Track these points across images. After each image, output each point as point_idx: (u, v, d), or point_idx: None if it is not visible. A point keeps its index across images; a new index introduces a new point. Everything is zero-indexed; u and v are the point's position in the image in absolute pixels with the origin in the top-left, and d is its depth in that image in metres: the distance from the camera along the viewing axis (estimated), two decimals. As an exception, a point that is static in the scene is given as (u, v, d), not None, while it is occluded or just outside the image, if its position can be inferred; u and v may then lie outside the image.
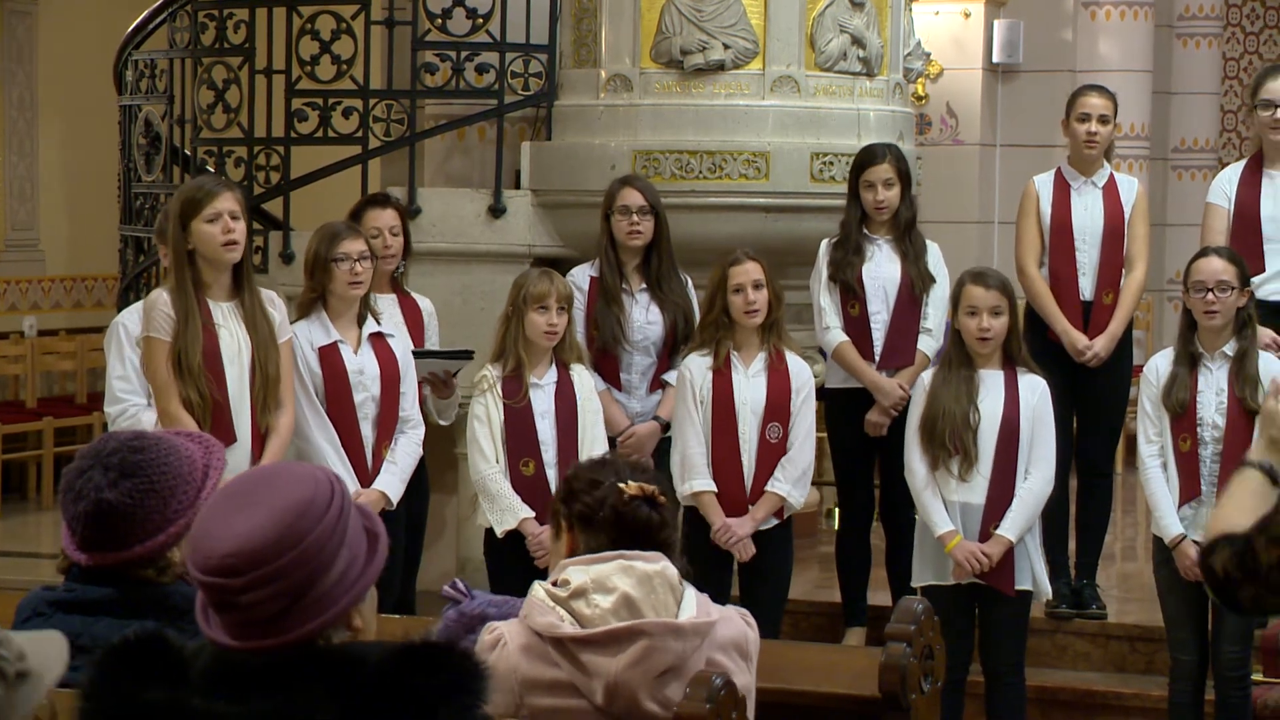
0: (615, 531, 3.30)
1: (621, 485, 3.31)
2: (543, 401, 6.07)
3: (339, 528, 2.33)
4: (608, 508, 3.31)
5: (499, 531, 6.01)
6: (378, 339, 6.08)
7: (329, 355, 5.99)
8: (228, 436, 5.47)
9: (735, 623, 3.38)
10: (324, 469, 2.43)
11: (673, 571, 3.30)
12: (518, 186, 7.51)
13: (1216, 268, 5.76)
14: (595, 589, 3.23)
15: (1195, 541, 5.71)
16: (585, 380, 6.18)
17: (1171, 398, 5.77)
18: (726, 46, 7.23)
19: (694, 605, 3.30)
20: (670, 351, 6.53)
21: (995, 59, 10.78)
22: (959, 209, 10.60)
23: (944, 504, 5.84)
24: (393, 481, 6.01)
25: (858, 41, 7.41)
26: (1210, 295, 5.72)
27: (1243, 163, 6.99)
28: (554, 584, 3.28)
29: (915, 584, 6.00)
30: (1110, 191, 6.94)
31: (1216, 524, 2.73)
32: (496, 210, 7.41)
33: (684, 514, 6.25)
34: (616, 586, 3.22)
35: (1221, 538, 2.69)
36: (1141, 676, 6.65)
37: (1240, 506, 2.73)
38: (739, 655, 3.34)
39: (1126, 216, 6.92)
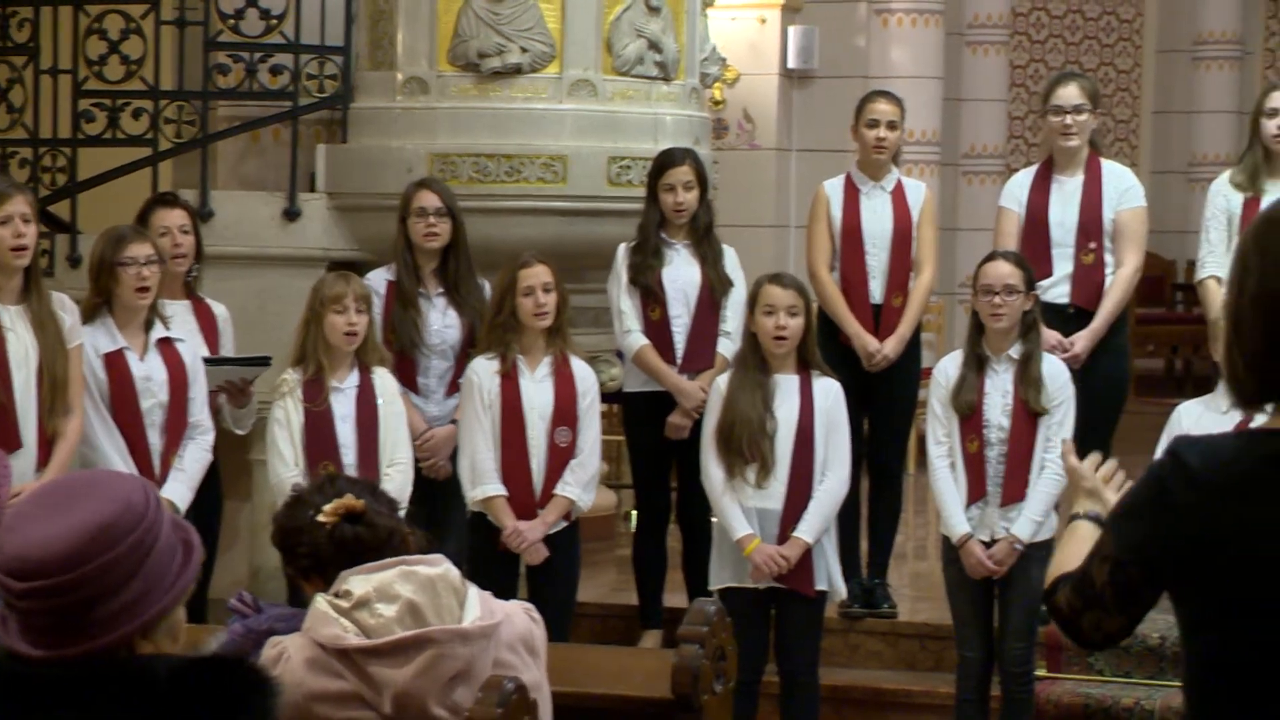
0: (344, 560, 3.30)
1: (319, 518, 3.32)
2: (344, 405, 6.03)
3: (141, 548, 2.32)
4: (324, 546, 3.31)
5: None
6: (165, 345, 5.99)
7: (115, 362, 5.89)
8: (12, 442, 5.37)
9: (520, 619, 3.38)
10: (144, 485, 2.40)
11: (455, 574, 3.30)
12: (313, 189, 7.44)
13: (1003, 271, 5.87)
14: (378, 598, 3.21)
15: (982, 540, 5.83)
16: (388, 383, 6.14)
17: (959, 399, 5.87)
18: (524, 50, 7.23)
19: (477, 606, 3.29)
20: (467, 355, 6.51)
21: (791, 64, 10.88)
22: (755, 213, 10.69)
23: (741, 508, 5.88)
24: (180, 489, 5.93)
25: (654, 46, 7.45)
26: (997, 299, 5.83)
27: (1034, 168, 7.11)
28: (336, 595, 3.25)
29: (713, 586, 6.04)
30: (899, 196, 7.04)
31: (1054, 570, 2.80)
32: (291, 213, 7.32)
33: (472, 519, 6.25)
34: (400, 594, 3.21)
35: (1061, 576, 2.75)
36: (931, 674, 6.74)
37: (1075, 552, 2.79)
38: (526, 652, 3.35)
39: (915, 220, 7.03)
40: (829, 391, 5.93)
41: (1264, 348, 2.48)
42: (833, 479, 5.92)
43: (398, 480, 5.94)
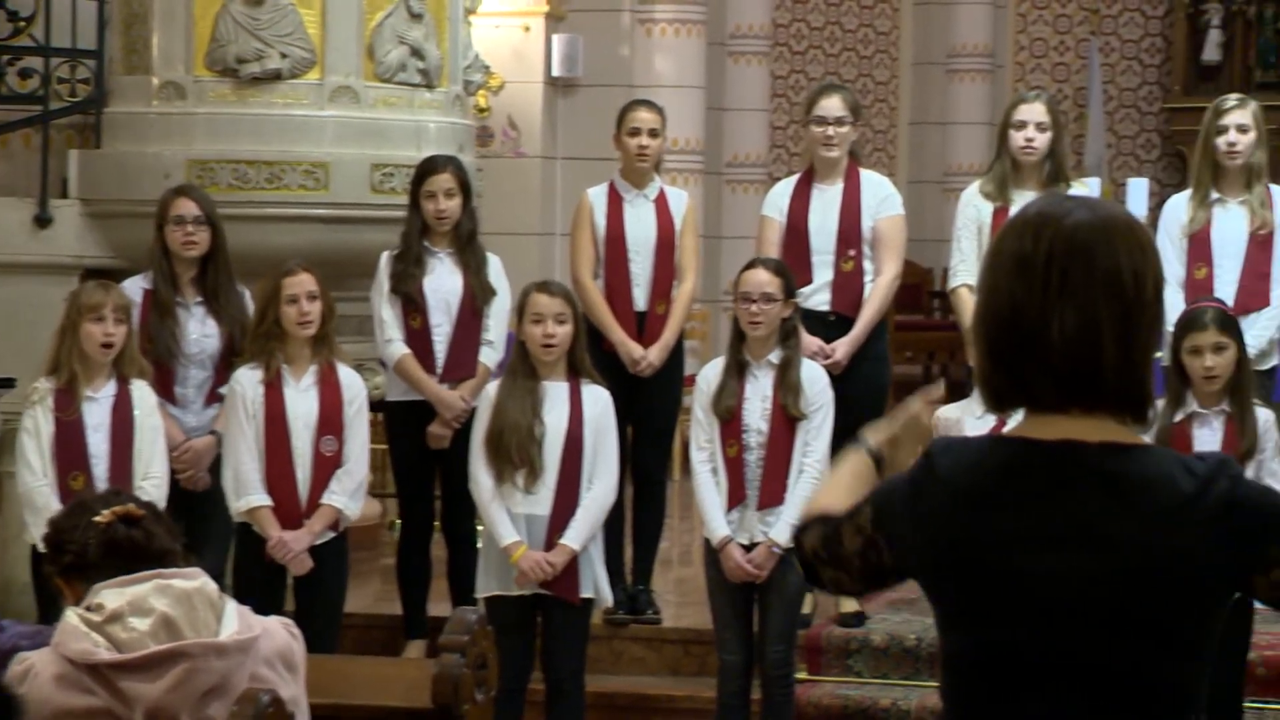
0: (112, 563, 3.24)
1: (96, 519, 3.27)
2: (96, 415, 5.90)
3: None
4: (93, 545, 3.25)
5: (44, 547, 5.80)
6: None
7: None
8: None
9: (278, 634, 3.34)
10: None
11: (212, 587, 3.25)
12: (66, 196, 7.27)
13: (761, 279, 5.94)
14: (132, 612, 3.15)
15: (741, 544, 5.89)
16: (146, 396, 6.03)
17: (719, 404, 5.93)
18: (284, 55, 7.15)
19: (235, 620, 3.25)
20: (227, 365, 6.41)
21: (555, 73, 10.90)
22: (521, 221, 10.69)
23: (509, 515, 5.87)
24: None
25: (417, 53, 7.41)
26: (754, 306, 5.89)
27: (795, 177, 7.21)
28: (88, 608, 3.18)
29: (479, 594, 6.03)
30: (661, 204, 7.09)
31: (816, 501, 2.79)
32: (42, 220, 7.16)
33: (239, 530, 6.17)
34: (154, 608, 3.15)
35: (816, 518, 2.73)
36: (694, 678, 6.78)
37: (840, 485, 2.78)
38: (284, 666, 3.31)
39: (677, 229, 7.09)
40: (598, 399, 5.96)
41: (987, 363, 2.53)
42: (600, 486, 5.94)
43: (152, 494, 5.82)
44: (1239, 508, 2.46)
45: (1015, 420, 2.59)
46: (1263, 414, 5.61)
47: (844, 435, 6.25)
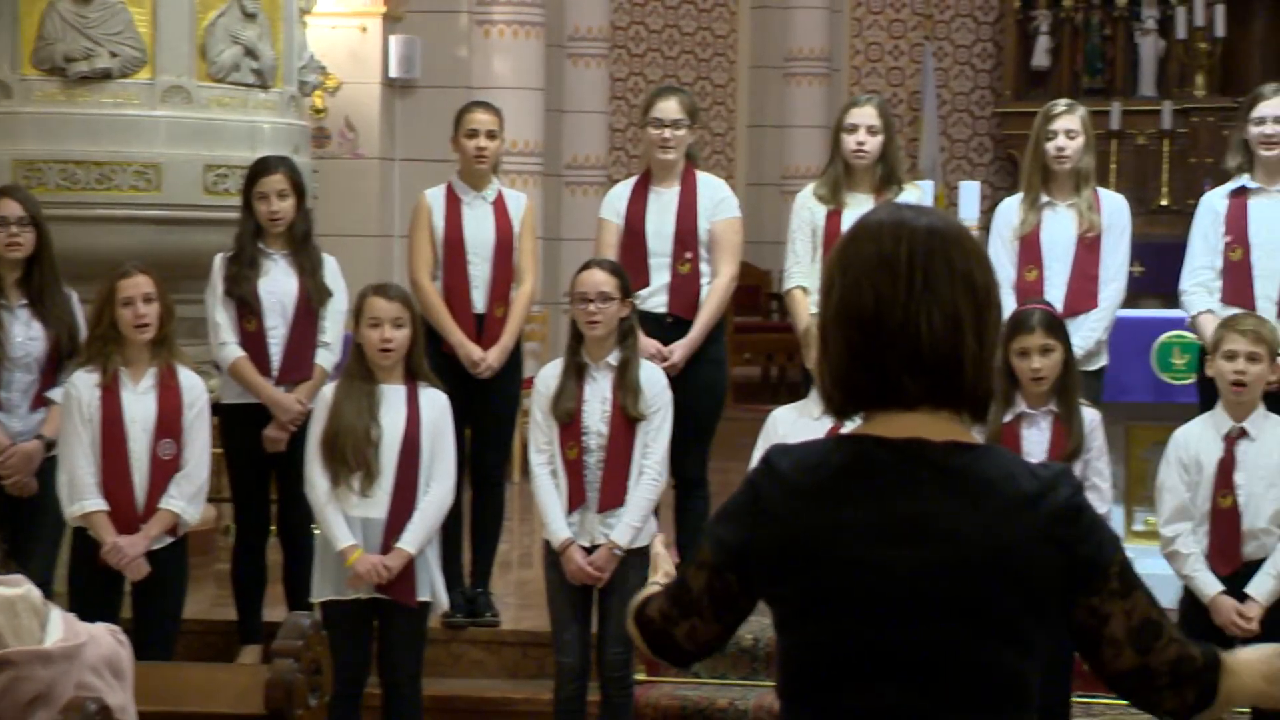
0: None
1: None
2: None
3: None
4: None
5: None
6: None
7: None
8: None
9: (105, 641, 3.29)
10: None
11: (36, 594, 3.20)
12: (-115, 196, 7.10)
13: (598, 279, 5.95)
14: (-48, 620, 3.09)
15: (582, 546, 5.89)
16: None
17: (559, 407, 5.93)
18: (114, 55, 7.05)
19: (60, 627, 3.20)
20: (54, 368, 6.31)
21: (393, 74, 10.84)
22: (358, 222, 10.62)
23: (345, 519, 5.83)
24: None
25: (251, 53, 7.34)
26: (591, 306, 5.90)
27: (632, 180, 7.23)
28: (-95, 617, 3.12)
29: (315, 599, 5.98)
30: (500, 206, 7.08)
31: (642, 595, 2.82)
32: None
33: (75, 535, 6.07)
34: (-25, 616, 3.10)
35: (652, 594, 2.77)
36: (532, 681, 6.77)
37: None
38: (111, 674, 3.26)
39: (516, 231, 7.08)
40: (435, 402, 5.93)
41: (846, 362, 2.57)
42: (438, 489, 5.92)
43: None
44: (1080, 518, 2.54)
45: (851, 423, 2.63)
46: (1089, 415, 5.71)
47: (682, 437, 6.33)
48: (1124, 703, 6.46)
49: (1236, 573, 5.47)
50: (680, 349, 6.85)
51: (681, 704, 6.58)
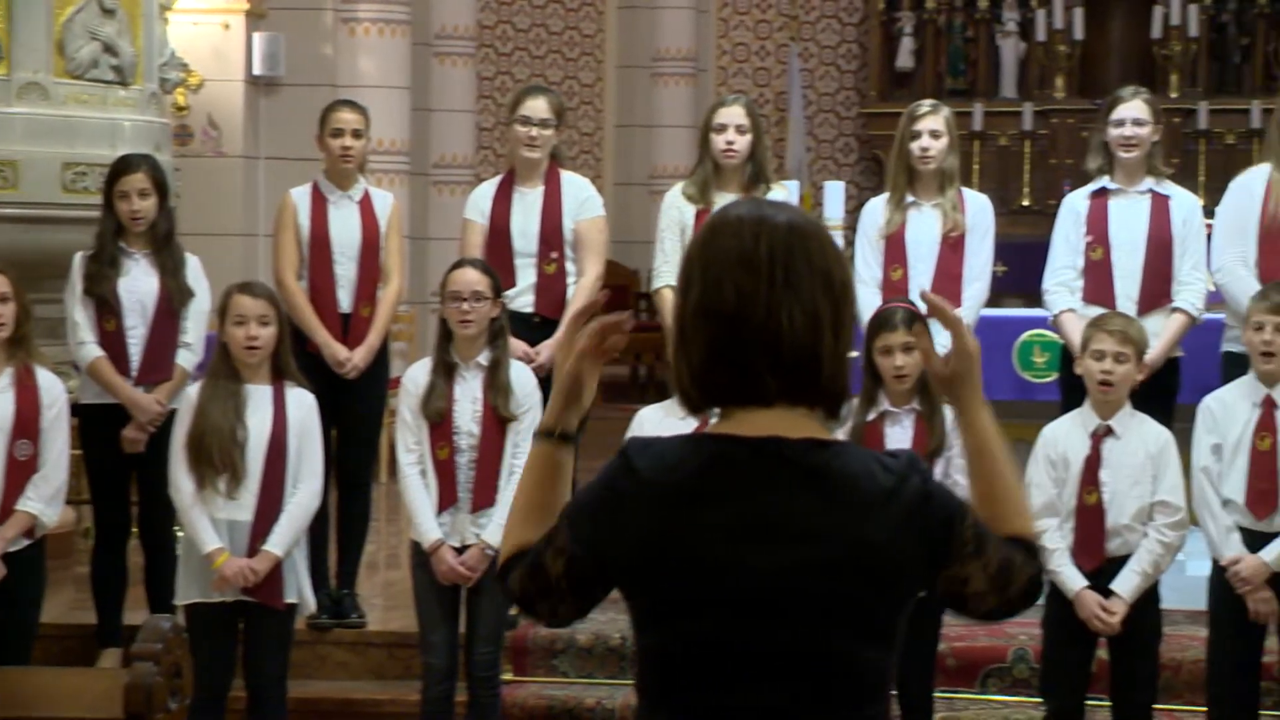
0: None
1: None
2: None
3: None
4: None
5: None
6: None
7: None
8: None
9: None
10: None
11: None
12: None
13: (471, 278, 5.93)
14: None
15: (453, 546, 5.87)
16: None
17: (429, 407, 5.90)
18: (-32, 51, 6.93)
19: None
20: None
21: (256, 71, 10.74)
22: (222, 221, 10.51)
23: (211, 521, 5.77)
24: None
25: (110, 49, 7.25)
26: (465, 305, 5.88)
27: (497, 179, 7.22)
28: None
29: (179, 602, 5.90)
30: (366, 205, 7.05)
31: (510, 520, 2.77)
32: None
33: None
34: None
35: (514, 554, 2.73)
36: (398, 682, 6.74)
37: (525, 490, 2.76)
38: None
39: (382, 230, 7.05)
40: (302, 402, 5.89)
41: (706, 358, 2.57)
42: (305, 490, 5.87)
43: None
44: (931, 500, 2.57)
45: (713, 420, 2.63)
46: (951, 412, 5.77)
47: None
48: (986, 696, 6.55)
49: (1100, 569, 5.54)
50: (547, 349, 6.85)
51: (549, 703, 6.57)
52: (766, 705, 2.52)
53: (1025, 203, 13.97)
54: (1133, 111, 6.68)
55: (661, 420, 5.76)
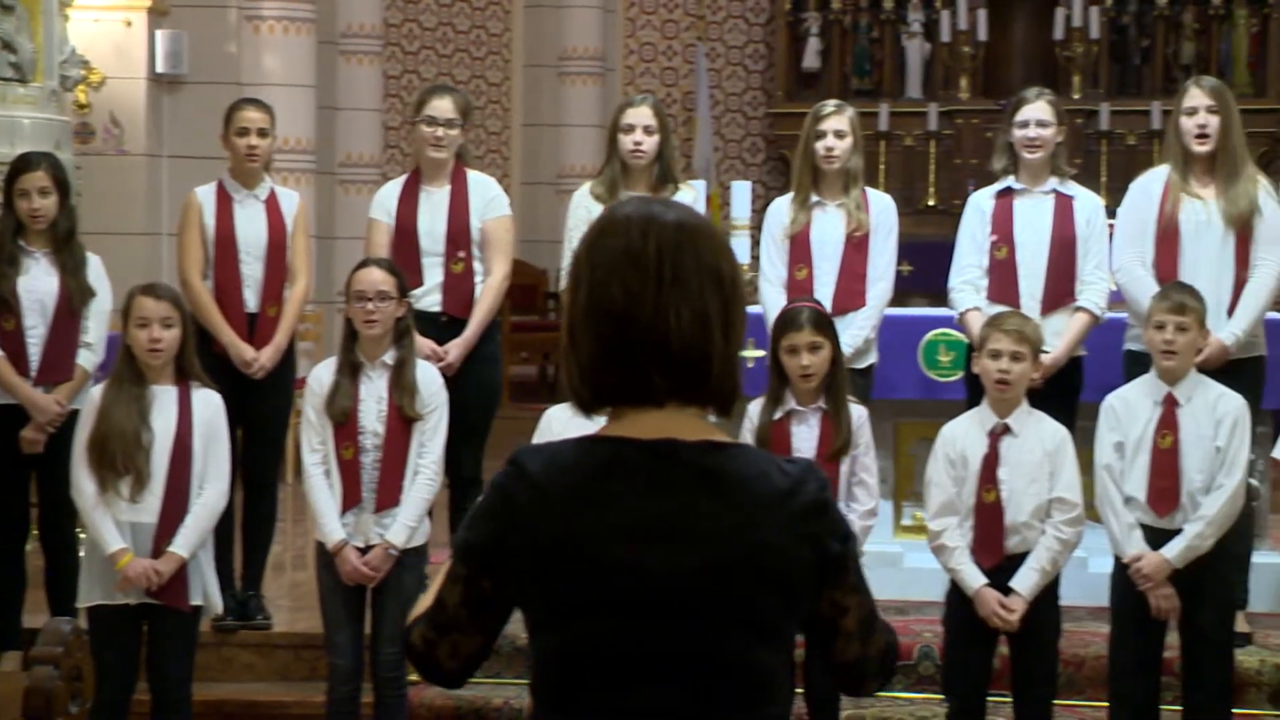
0: None
1: None
2: None
3: None
4: None
5: None
6: None
7: None
8: None
9: None
10: None
11: None
12: None
13: (376, 278, 5.91)
14: None
15: (358, 547, 5.84)
16: None
17: (334, 406, 5.87)
18: None
19: None
20: None
21: (159, 69, 10.63)
22: (125, 220, 10.40)
23: (114, 523, 5.72)
24: None
25: (8, 46, 7.17)
26: (370, 305, 5.86)
27: (403, 179, 7.19)
28: None
29: (82, 604, 5.85)
30: (272, 204, 7.02)
31: (417, 609, 2.77)
32: None
33: None
34: None
35: (416, 618, 2.70)
36: (304, 684, 6.71)
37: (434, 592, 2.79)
38: None
39: (289, 229, 7.01)
40: (209, 402, 5.84)
41: (595, 357, 2.56)
42: (211, 491, 5.83)
43: None
44: (829, 512, 2.59)
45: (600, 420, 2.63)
46: (857, 411, 5.80)
47: (458, 436, 6.31)
48: (891, 694, 6.58)
49: (1000, 566, 5.59)
50: (455, 348, 6.85)
51: (456, 704, 6.55)
52: (662, 707, 2.52)
53: (931, 202, 14.06)
54: (1036, 113, 6.75)
55: (570, 420, 5.76)
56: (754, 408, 5.83)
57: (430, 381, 5.99)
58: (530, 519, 2.55)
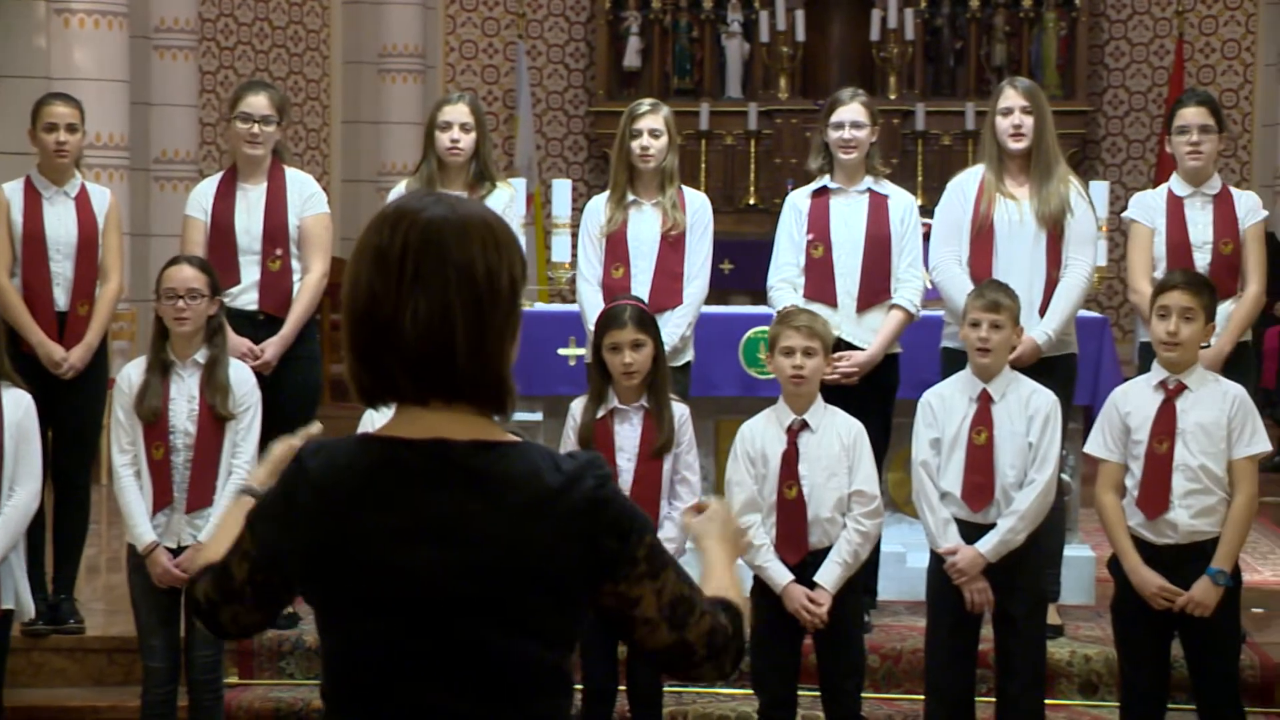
0: None
1: None
2: None
3: None
4: None
5: None
6: None
7: None
8: None
9: None
10: None
11: None
12: None
13: (187, 275, 5.83)
14: None
15: (169, 548, 5.76)
16: None
17: (144, 405, 5.78)
18: None
19: None
20: None
21: (-34, 63, 10.42)
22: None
23: (-79, 527, 5.59)
24: None
25: None
26: (181, 302, 5.78)
27: (218, 175, 7.12)
28: None
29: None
30: (83, 201, 6.92)
31: (206, 552, 2.80)
32: None
33: None
34: None
35: (204, 567, 2.77)
36: (120, 688, 6.62)
37: (225, 533, 2.81)
38: None
39: (100, 227, 6.91)
40: (19, 403, 5.74)
41: (352, 356, 2.57)
42: (21, 493, 5.73)
43: None
44: (606, 507, 2.57)
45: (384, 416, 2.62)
46: (679, 409, 5.82)
47: (276, 435, 6.22)
48: (712, 690, 6.63)
49: (804, 561, 5.64)
50: (272, 347, 6.79)
51: (275, 705, 6.49)
52: (434, 706, 2.53)
53: (751, 201, 14.16)
54: (851, 114, 6.82)
55: (386, 417, 5.72)
56: (576, 406, 5.83)
57: (243, 381, 5.92)
58: (305, 519, 2.57)
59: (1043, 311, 6.52)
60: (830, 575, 5.61)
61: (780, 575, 5.62)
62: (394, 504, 2.53)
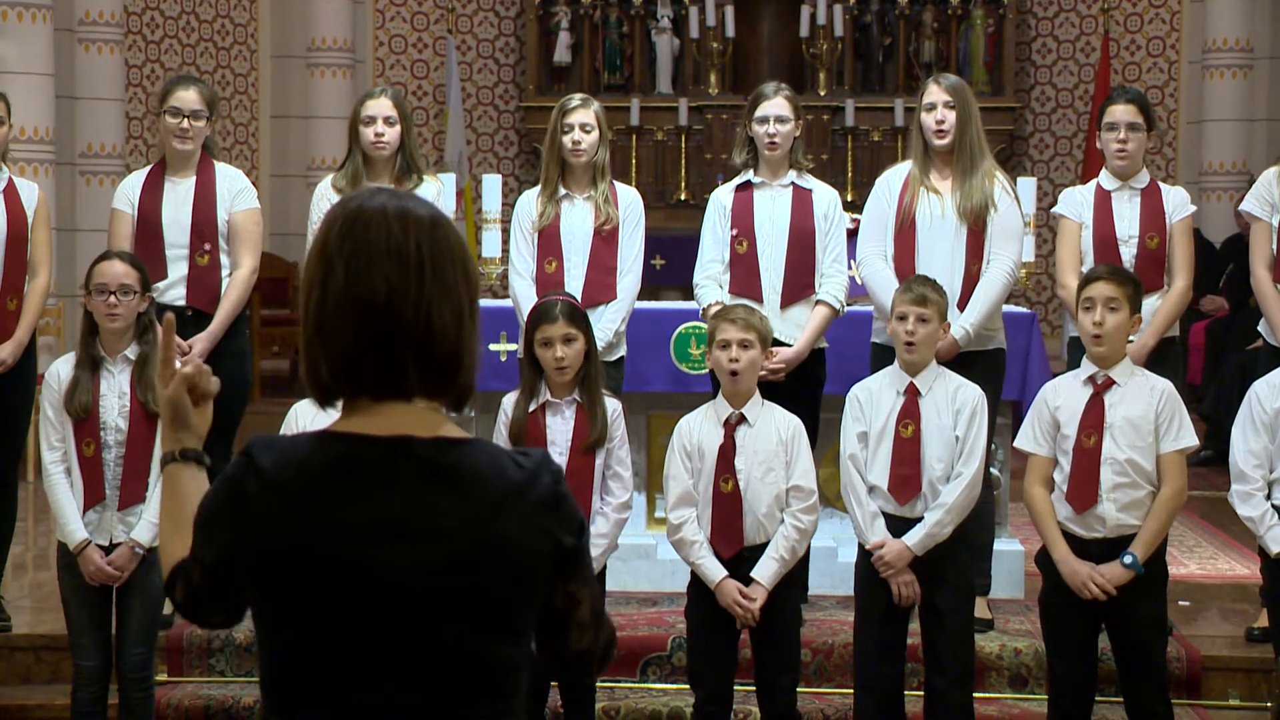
0: None
1: None
2: None
3: None
4: None
5: None
6: None
7: None
8: None
9: None
10: None
11: None
12: None
13: (119, 271, 5.79)
14: None
15: (101, 546, 5.71)
16: None
17: (74, 402, 5.74)
18: None
19: None
20: None
21: (-114, 56, 10.30)
22: None
23: None
24: None
25: None
26: (112, 298, 5.74)
27: (147, 169, 7.09)
28: None
29: None
30: (10, 196, 6.90)
31: (163, 548, 2.79)
32: None
33: None
34: None
35: (174, 569, 2.74)
36: (48, 686, 6.58)
37: (172, 511, 2.79)
38: None
39: (29, 222, 6.86)
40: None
41: (352, 349, 2.55)
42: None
43: None
44: (565, 503, 2.61)
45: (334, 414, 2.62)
46: (611, 404, 5.83)
47: (209, 431, 6.18)
48: (645, 685, 6.64)
49: (740, 556, 5.66)
50: (201, 342, 6.76)
51: (206, 703, 6.46)
52: (397, 702, 2.52)
53: (682, 196, 14.18)
54: (774, 109, 6.84)
55: (316, 414, 5.69)
56: (508, 401, 5.83)
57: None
58: (261, 515, 2.55)
59: (962, 306, 6.55)
60: (767, 571, 5.63)
61: (715, 571, 5.63)
62: (358, 499, 2.52)
